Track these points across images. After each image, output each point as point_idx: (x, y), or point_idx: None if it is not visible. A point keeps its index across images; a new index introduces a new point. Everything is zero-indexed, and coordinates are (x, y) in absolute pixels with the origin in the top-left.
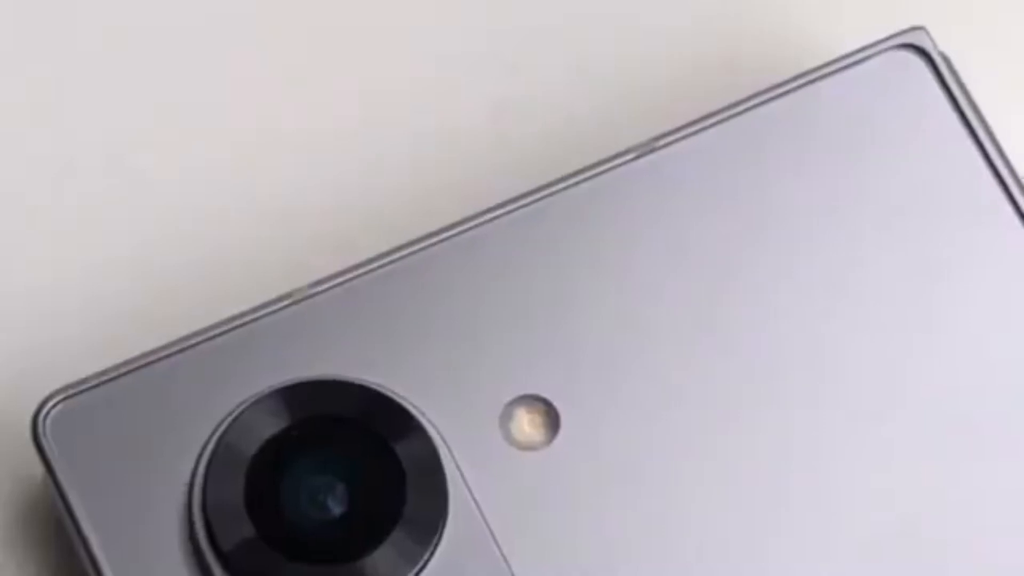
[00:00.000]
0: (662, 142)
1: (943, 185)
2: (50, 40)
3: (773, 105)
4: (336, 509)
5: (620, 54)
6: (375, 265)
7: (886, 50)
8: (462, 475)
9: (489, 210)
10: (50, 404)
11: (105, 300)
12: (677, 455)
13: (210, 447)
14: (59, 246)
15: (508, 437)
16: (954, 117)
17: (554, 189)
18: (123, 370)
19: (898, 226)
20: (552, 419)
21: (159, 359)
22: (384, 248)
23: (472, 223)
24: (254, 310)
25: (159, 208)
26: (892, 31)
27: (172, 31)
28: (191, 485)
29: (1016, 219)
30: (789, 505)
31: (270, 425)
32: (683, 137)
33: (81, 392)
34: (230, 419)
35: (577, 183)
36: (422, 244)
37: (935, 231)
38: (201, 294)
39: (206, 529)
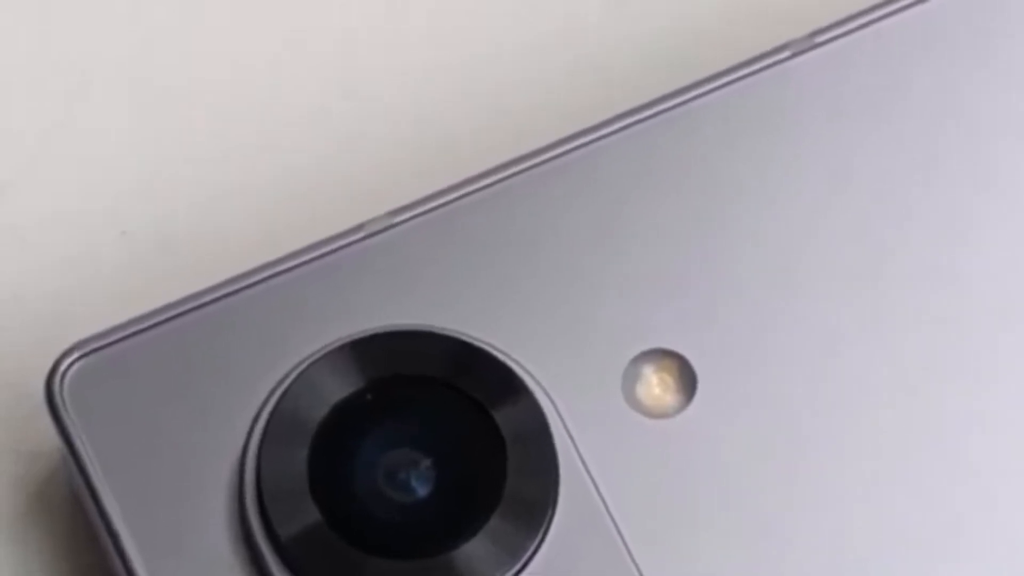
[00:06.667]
0: (823, 37)
1: None
2: None
3: None
4: (420, 490)
5: None
6: (468, 190)
7: None
8: (576, 448)
9: (608, 122)
10: (68, 360)
11: (139, 233)
12: (839, 423)
13: (266, 413)
14: (80, 171)
15: (633, 401)
16: None
17: (690, 96)
18: (158, 318)
19: None
20: (687, 379)
21: (202, 305)
22: (480, 168)
23: (588, 137)
24: (320, 244)
25: (206, 131)
26: None
27: None
28: (242, 459)
29: None
30: (977, 491)
31: (340, 386)
32: (848, 32)
33: (107, 345)
34: (291, 379)
35: (719, 87)
36: (526, 164)
37: None
38: (254, 225)
39: (260, 513)
